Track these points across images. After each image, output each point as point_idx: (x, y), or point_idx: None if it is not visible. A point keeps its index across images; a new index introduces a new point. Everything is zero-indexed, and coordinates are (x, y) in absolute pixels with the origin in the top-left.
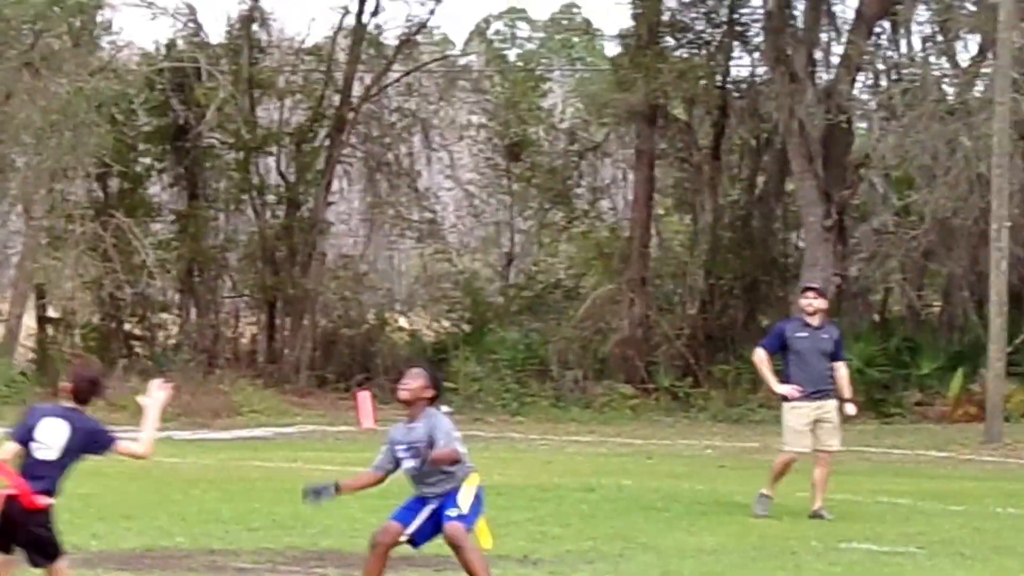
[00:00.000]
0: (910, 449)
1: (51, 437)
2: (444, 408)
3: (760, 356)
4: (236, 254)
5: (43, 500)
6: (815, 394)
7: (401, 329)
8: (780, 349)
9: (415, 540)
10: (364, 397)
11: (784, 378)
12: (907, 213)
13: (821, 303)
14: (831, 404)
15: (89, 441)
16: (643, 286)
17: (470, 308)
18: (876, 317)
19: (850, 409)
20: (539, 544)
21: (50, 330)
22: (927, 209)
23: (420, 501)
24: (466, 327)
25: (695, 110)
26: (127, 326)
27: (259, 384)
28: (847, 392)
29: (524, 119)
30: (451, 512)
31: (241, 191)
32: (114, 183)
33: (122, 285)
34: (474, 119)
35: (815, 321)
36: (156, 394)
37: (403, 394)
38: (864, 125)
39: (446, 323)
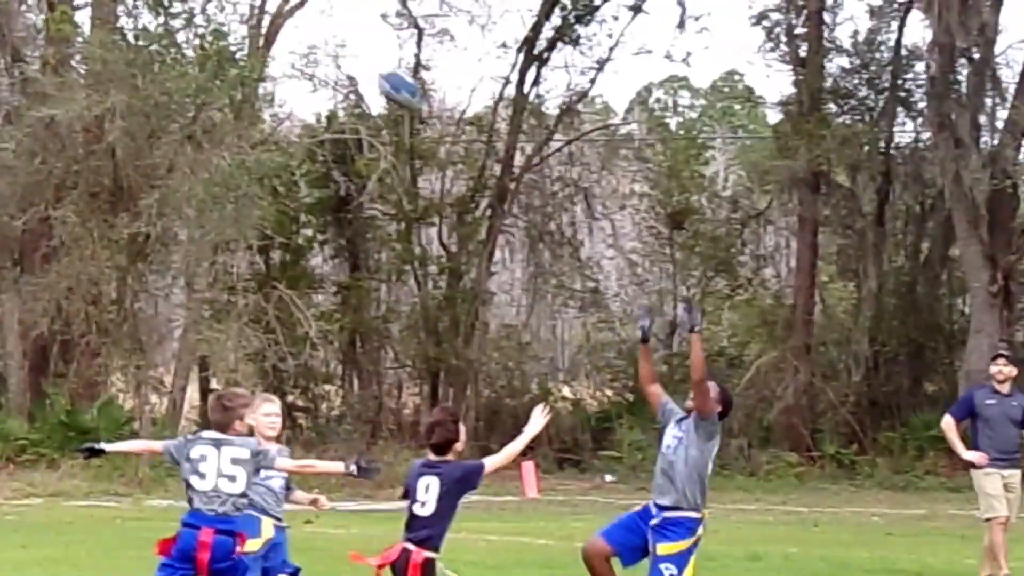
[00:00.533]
0: None
1: (425, 494)
2: (608, 477)
3: (948, 422)
4: (398, 325)
5: (426, 554)
6: (1002, 461)
7: (564, 399)
8: (968, 416)
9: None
10: (528, 467)
11: (972, 445)
12: None
13: (1012, 370)
14: (1017, 474)
15: (463, 485)
16: (807, 353)
17: (633, 377)
18: None
19: None
20: None
21: None
22: None
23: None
24: (629, 396)
25: (858, 176)
26: (290, 398)
27: (422, 456)
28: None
29: (686, 187)
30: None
31: (403, 262)
32: (276, 255)
33: (285, 357)
34: (636, 188)
35: (1005, 388)
36: (537, 420)
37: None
38: None
39: (609, 392)
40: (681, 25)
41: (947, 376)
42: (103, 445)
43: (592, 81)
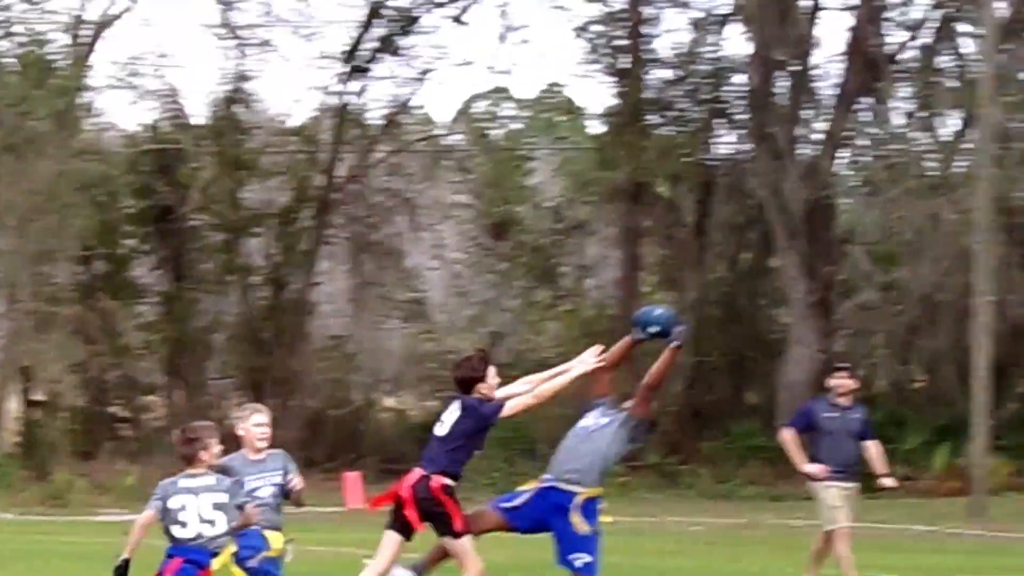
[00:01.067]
0: (897, 524)
1: (447, 415)
2: None
3: (787, 435)
4: (222, 335)
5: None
6: (842, 474)
7: (388, 409)
8: (808, 429)
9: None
10: (353, 479)
11: (812, 458)
12: (891, 288)
13: (852, 383)
14: (855, 487)
15: (480, 416)
16: (630, 364)
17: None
18: (861, 392)
19: (888, 482)
20: None
21: (36, 413)
22: (911, 284)
23: None
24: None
25: (679, 188)
26: (113, 408)
27: None
28: (882, 467)
29: (509, 198)
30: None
31: (227, 272)
32: (99, 265)
33: (107, 368)
34: (459, 198)
35: (845, 401)
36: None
37: None
38: (847, 201)
39: (433, 403)
40: (503, 37)
41: (767, 386)
42: (125, 556)
43: (414, 92)
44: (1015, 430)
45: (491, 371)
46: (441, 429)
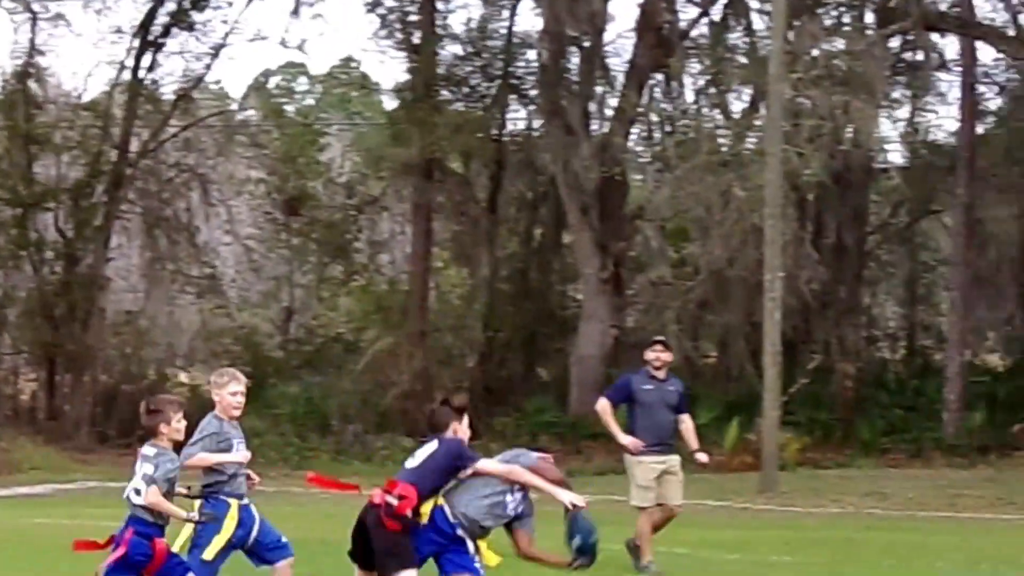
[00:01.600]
0: (687, 499)
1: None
2: None
3: (603, 406)
4: (14, 310)
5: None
6: (659, 447)
7: (182, 384)
8: (625, 401)
9: None
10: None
11: (628, 431)
12: (682, 264)
13: (668, 356)
14: (676, 458)
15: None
16: (422, 339)
17: (250, 363)
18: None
19: (702, 457)
20: None
21: None
22: (702, 260)
23: None
24: (247, 382)
25: (472, 163)
26: None
27: (39, 441)
28: (695, 443)
29: (302, 173)
30: None
31: (19, 247)
32: None
33: None
34: (252, 174)
35: (661, 374)
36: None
37: None
38: (639, 177)
39: None
40: (296, 12)
41: (560, 362)
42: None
43: (208, 67)
44: (805, 406)
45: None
46: (412, 463)
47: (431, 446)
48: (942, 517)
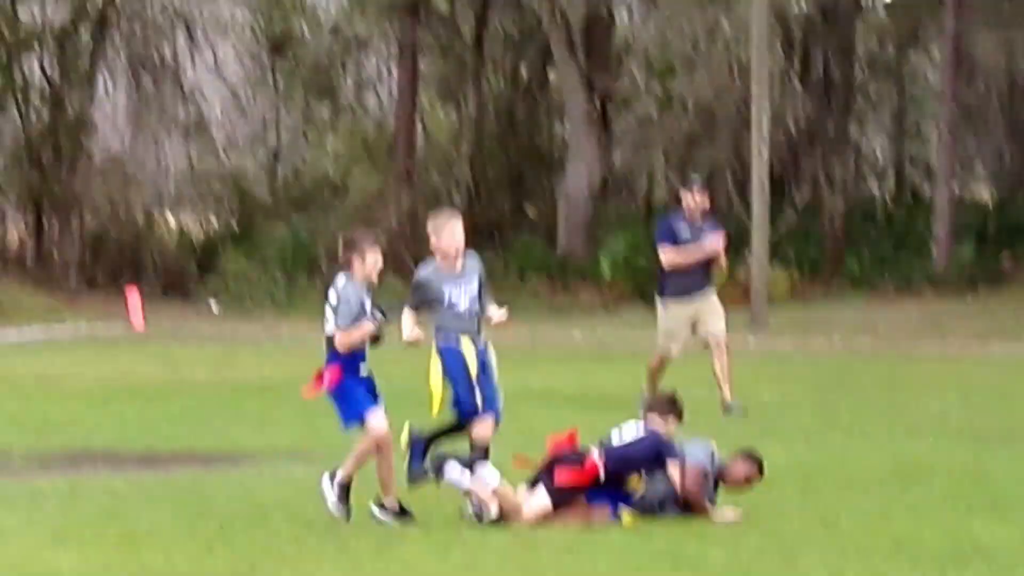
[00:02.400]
0: None
1: None
2: (213, 306)
3: (669, 252)
4: (0, 156)
5: None
6: (689, 294)
7: (170, 228)
8: (673, 243)
9: None
10: (133, 292)
11: (663, 279)
12: (669, 101)
13: (704, 200)
14: (709, 293)
15: None
16: (410, 179)
17: (238, 205)
18: (641, 205)
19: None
20: (310, 439)
21: None
22: (688, 96)
23: None
24: (234, 224)
25: (457, 2)
26: None
27: (28, 286)
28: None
29: (287, 13)
30: None
31: (4, 91)
32: None
33: None
34: (238, 15)
35: (698, 219)
36: None
37: None
38: (625, 13)
39: (214, 221)
40: None
41: (547, 200)
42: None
43: None
44: (794, 241)
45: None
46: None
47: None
48: (931, 350)
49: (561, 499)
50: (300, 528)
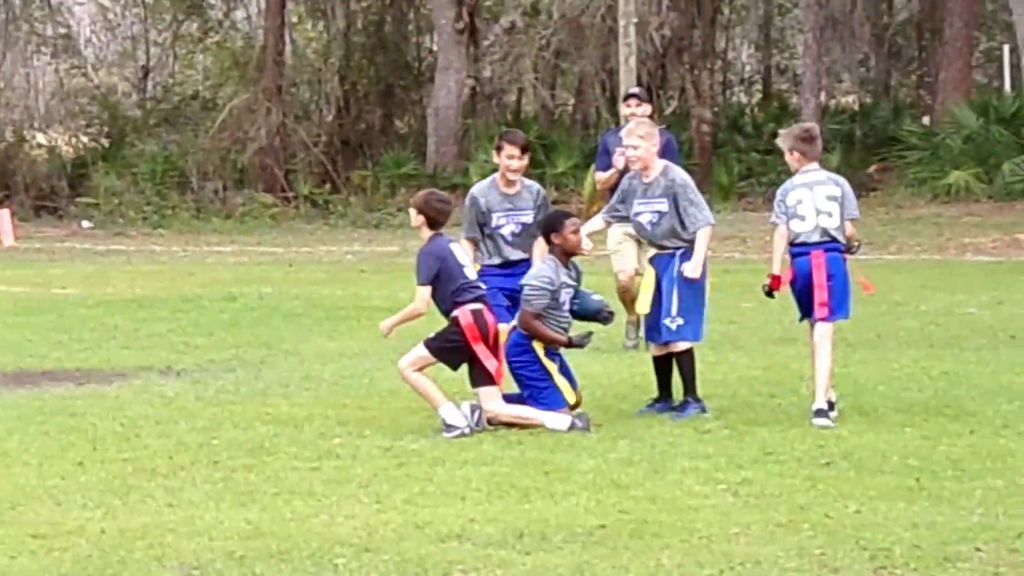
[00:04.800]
0: None
1: None
2: (85, 223)
3: (599, 176)
4: None
5: None
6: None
7: (40, 146)
8: (607, 167)
9: None
10: (3, 215)
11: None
12: (536, 12)
13: (644, 109)
14: None
15: None
16: (279, 95)
17: (108, 123)
18: (510, 117)
19: None
20: (182, 354)
21: None
22: (555, 7)
23: None
24: (105, 142)
25: None
26: None
27: None
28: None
29: None
30: None
31: None
32: None
33: None
34: None
35: None
36: None
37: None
38: None
39: (84, 138)
40: None
41: (417, 114)
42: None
43: None
44: None
45: None
46: None
47: None
48: None
49: None
50: (172, 444)
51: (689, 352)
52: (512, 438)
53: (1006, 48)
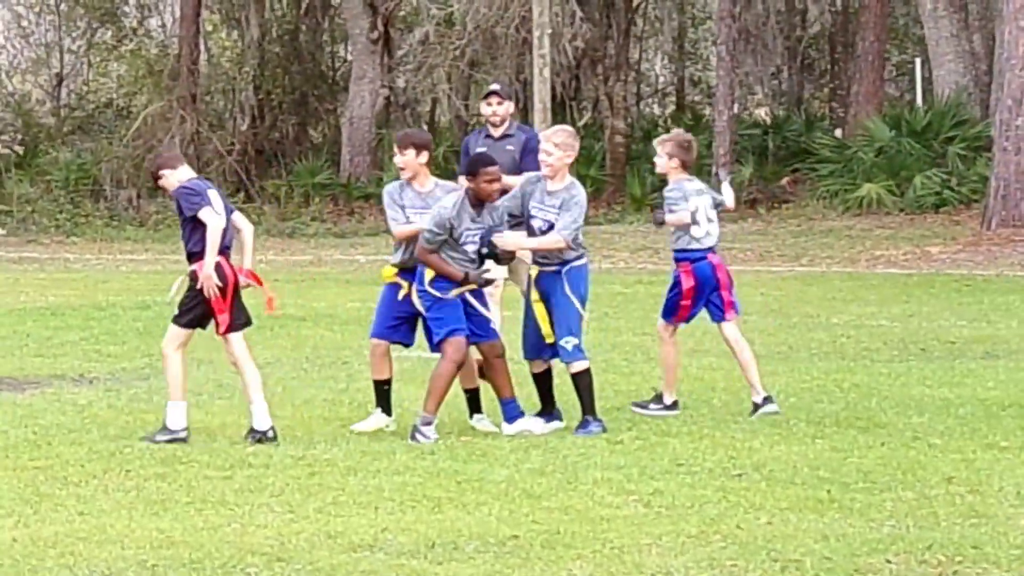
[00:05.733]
0: None
1: None
2: None
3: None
4: None
5: None
6: None
7: None
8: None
9: None
10: None
11: None
12: (451, 23)
13: (505, 108)
14: None
15: None
16: (193, 103)
17: (21, 130)
18: (424, 127)
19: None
20: (95, 363)
21: None
22: (469, 18)
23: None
24: (18, 149)
25: None
26: None
27: None
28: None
29: None
30: None
31: None
32: None
33: None
34: None
35: (498, 132)
36: None
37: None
38: None
39: None
40: None
41: (331, 123)
42: None
43: None
44: (576, 162)
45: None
46: None
47: None
48: None
49: None
50: (84, 452)
51: (587, 371)
52: (425, 448)
53: (918, 61)
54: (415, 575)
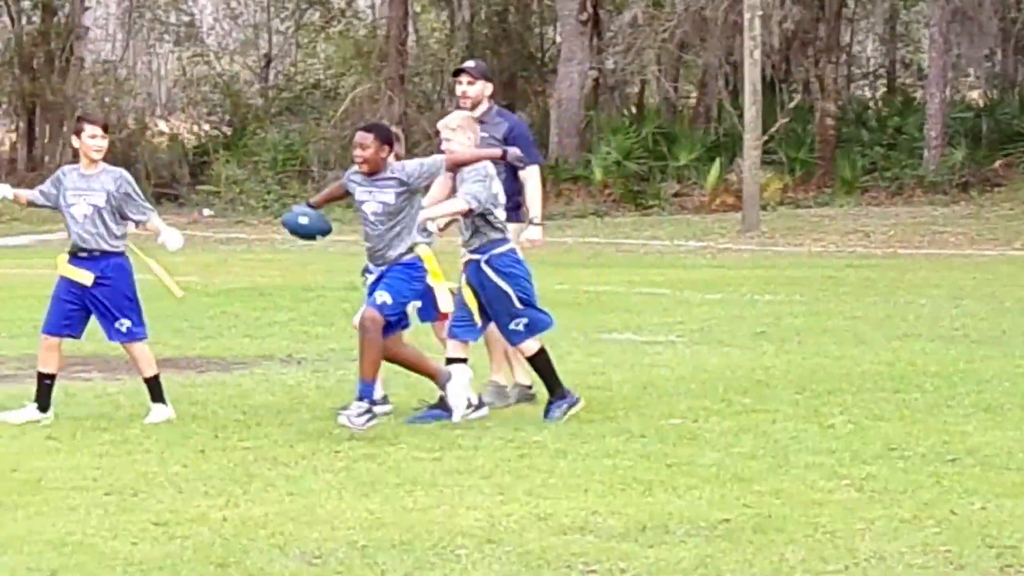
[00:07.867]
0: (669, 240)
1: None
2: (206, 211)
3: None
4: None
5: None
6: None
7: (162, 133)
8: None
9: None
10: None
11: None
12: (661, 4)
13: (475, 89)
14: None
15: None
16: (401, 84)
17: (230, 111)
18: (633, 110)
19: (534, 233)
20: (303, 344)
21: None
22: (678, 0)
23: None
24: (226, 130)
25: None
26: None
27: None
28: (534, 206)
29: None
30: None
31: None
32: None
33: None
34: None
35: (475, 114)
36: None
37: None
38: None
39: (206, 126)
40: None
41: (539, 104)
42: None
43: None
44: (786, 145)
45: None
46: None
47: None
48: (923, 254)
49: None
50: (293, 433)
51: (541, 351)
52: (635, 431)
53: None
54: (625, 558)
